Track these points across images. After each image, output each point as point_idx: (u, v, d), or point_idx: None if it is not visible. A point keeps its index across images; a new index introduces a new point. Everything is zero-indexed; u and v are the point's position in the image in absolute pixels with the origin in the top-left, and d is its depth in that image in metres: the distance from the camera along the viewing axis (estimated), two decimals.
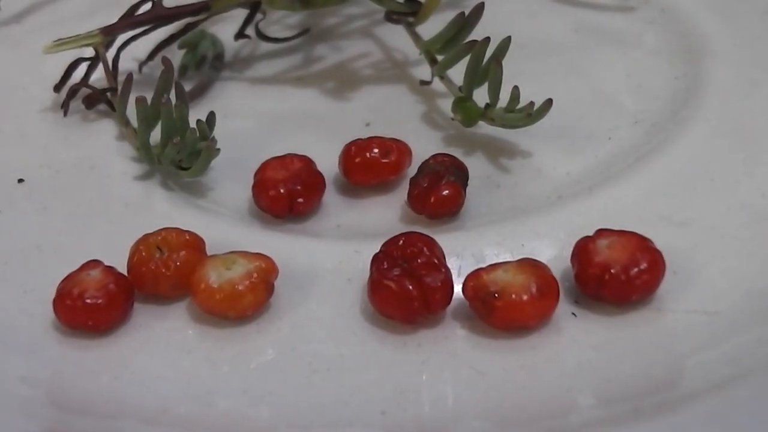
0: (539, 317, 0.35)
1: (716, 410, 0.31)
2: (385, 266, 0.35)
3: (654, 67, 0.47)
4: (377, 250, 0.37)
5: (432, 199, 0.39)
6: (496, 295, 0.34)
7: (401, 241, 0.36)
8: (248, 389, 0.34)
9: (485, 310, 0.34)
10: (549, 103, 0.40)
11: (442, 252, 0.36)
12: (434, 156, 0.41)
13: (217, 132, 0.42)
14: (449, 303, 0.35)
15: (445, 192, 0.39)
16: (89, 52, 0.47)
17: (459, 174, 0.40)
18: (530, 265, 0.35)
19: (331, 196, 0.42)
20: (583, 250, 0.36)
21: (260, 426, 0.33)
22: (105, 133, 0.46)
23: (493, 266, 0.35)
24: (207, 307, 0.36)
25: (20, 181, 0.44)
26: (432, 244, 0.36)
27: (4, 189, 0.43)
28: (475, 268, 0.36)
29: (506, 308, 0.34)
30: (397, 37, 0.49)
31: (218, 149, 0.42)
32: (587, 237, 0.36)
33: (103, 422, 0.33)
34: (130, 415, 0.33)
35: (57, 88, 0.48)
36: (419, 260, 0.35)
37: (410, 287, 0.35)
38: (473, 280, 0.35)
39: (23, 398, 0.34)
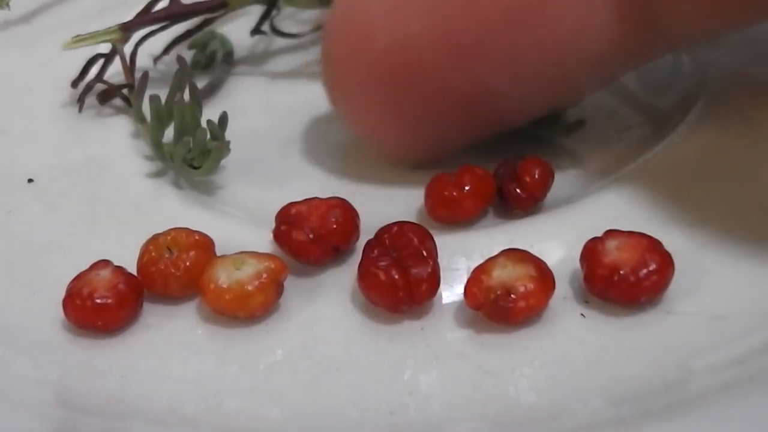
0: (547, 299, 0.35)
1: (725, 412, 0.31)
2: (375, 254, 0.36)
3: (665, 67, 0.47)
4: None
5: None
6: (512, 295, 0.34)
7: (395, 229, 0.36)
8: (257, 389, 0.34)
9: (502, 313, 0.34)
10: (581, 123, 0.41)
11: (434, 244, 0.36)
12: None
13: (230, 130, 0.42)
14: (434, 295, 0.35)
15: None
16: (103, 50, 0.48)
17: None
18: (516, 254, 0.35)
19: None
20: (592, 250, 0.36)
21: (269, 426, 0.33)
22: (118, 131, 0.47)
23: (484, 267, 0.35)
24: (216, 307, 0.36)
25: (30, 181, 0.44)
26: (424, 235, 0.36)
27: (14, 189, 0.43)
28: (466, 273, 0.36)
29: (525, 303, 0.34)
30: None
31: (229, 149, 0.42)
32: (596, 238, 0.36)
33: (111, 422, 0.33)
34: (138, 416, 0.33)
35: (74, 83, 0.48)
36: (408, 251, 0.36)
37: (396, 277, 0.35)
38: (475, 286, 0.35)
39: (32, 398, 0.34)
